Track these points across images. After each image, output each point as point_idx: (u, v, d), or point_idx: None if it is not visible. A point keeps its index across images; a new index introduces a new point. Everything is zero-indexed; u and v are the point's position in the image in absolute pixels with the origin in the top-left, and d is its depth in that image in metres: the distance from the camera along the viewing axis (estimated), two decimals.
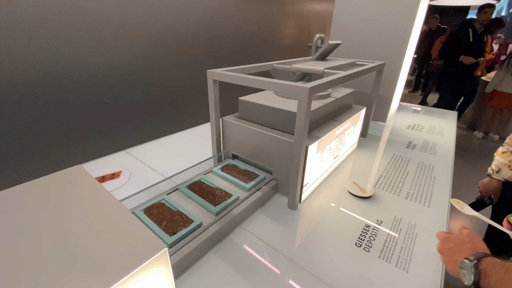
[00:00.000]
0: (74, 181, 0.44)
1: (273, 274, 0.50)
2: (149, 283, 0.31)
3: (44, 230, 0.34)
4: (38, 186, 0.42)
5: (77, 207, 0.38)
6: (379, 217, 0.66)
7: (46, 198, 0.40)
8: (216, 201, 0.61)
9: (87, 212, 0.38)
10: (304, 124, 0.57)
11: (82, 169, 0.48)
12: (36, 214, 0.37)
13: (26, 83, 0.96)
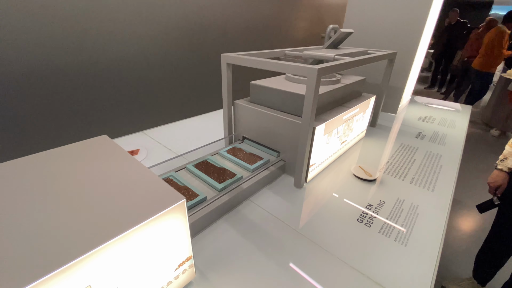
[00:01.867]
0: (102, 146, 0.49)
1: (278, 241, 0.54)
2: (172, 227, 0.36)
3: (86, 183, 0.39)
4: (71, 150, 0.47)
5: (109, 165, 0.44)
6: (382, 198, 0.69)
7: (81, 158, 0.46)
8: (221, 179, 0.64)
9: (119, 170, 0.43)
10: (312, 105, 0.60)
11: (108, 138, 0.53)
12: (75, 170, 0.42)
13: (62, 68, 1.03)
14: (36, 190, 0.37)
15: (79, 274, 0.28)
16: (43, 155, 0.45)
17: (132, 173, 0.41)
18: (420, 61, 1.41)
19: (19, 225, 0.31)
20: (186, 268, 0.42)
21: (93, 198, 0.36)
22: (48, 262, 0.26)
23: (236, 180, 0.65)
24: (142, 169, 0.42)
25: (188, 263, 0.42)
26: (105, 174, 0.41)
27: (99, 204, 0.35)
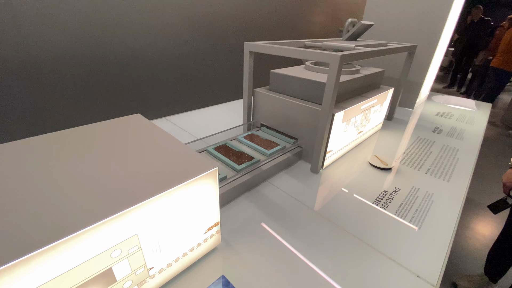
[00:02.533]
0: (138, 123, 0.53)
1: (295, 218, 0.57)
2: (205, 191, 0.40)
3: (131, 152, 0.44)
4: (109, 125, 0.52)
5: (148, 137, 0.48)
6: (397, 185, 0.70)
7: (121, 131, 0.50)
8: (239, 162, 0.67)
9: (158, 142, 0.47)
10: (333, 92, 0.62)
11: (141, 116, 0.58)
12: (119, 140, 0.47)
13: (96, 57, 1.10)
14: (91, 155, 0.41)
15: (129, 223, 0.32)
16: (89, 128, 0.49)
17: (170, 145, 0.45)
18: (440, 57, 1.39)
19: (85, 181, 0.35)
20: (214, 233, 0.46)
21: (138, 163, 0.40)
22: (108, 210, 0.30)
23: (253, 163, 0.68)
24: (178, 143, 0.46)
25: (216, 229, 0.46)
26: (147, 144, 0.45)
27: (145, 167, 0.39)
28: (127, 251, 0.33)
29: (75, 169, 0.37)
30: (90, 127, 0.50)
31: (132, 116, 0.57)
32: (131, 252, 0.34)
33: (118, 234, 0.31)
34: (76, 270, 0.28)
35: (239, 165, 0.66)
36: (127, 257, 0.33)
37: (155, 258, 0.37)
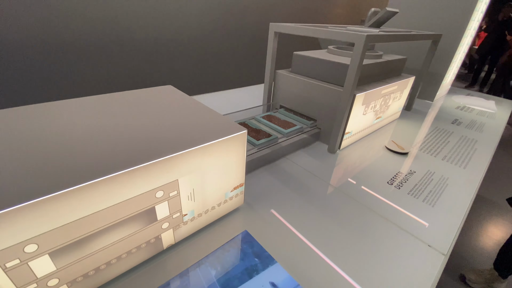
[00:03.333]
0: (171, 92, 0.57)
1: (311, 188, 0.60)
2: (235, 151, 0.43)
3: (170, 113, 0.48)
4: (146, 92, 0.56)
5: (183, 104, 0.52)
6: (412, 168, 0.72)
7: (159, 98, 0.54)
8: (258, 138, 0.70)
9: (194, 108, 0.51)
10: (356, 72, 0.64)
11: (173, 87, 0.62)
12: (157, 103, 0.51)
13: (126, 44, 1.15)
14: (139, 113, 0.45)
15: (172, 168, 0.36)
16: (130, 93, 0.54)
17: (203, 111, 0.49)
18: (463, 51, 1.37)
19: (137, 132, 0.39)
20: (238, 194, 0.50)
21: (179, 121, 0.44)
22: (157, 153, 0.35)
23: (271, 140, 0.71)
24: (211, 110, 0.50)
25: (240, 189, 0.50)
26: (184, 108, 0.49)
27: (185, 125, 0.43)
28: (168, 194, 0.37)
29: (129, 122, 0.42)
30: (131, 92, 0.54)
31: (164, 86, 0.61)
32: (171, 196, 0.38)
33: (163, 176, 0.35)
34: (130, 201, 0.33)
35: (257, 140, 0.70)
36: (167, 200, 0.38)
37: (189, 206, 0.41)
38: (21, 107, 0.43)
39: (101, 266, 0.34)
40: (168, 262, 0.41)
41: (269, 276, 0.40)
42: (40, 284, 0.29)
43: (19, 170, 0.29)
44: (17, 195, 0.25)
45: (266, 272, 0.40)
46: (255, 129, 0.76)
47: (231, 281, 0.39)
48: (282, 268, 0.41)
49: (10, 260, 0.26)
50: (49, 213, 0.27)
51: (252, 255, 0.43)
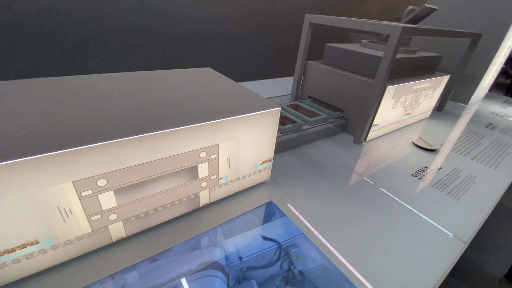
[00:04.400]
0: (210, 73, 0.62)
1: (335, 172, 0.63)
2: (268, 125, 0.47)
3: (211, 89, 0.52)
4: (187, 72, 0.61)
5: (223, 83, 0.56)
6: (439, 164, 0.72)
7: (200, 77, 0.59)
8: (283, 123, 0.73)
9: (232, 87, 0.55)
10: (389, 64, 0.65)
11: (212, 69, 0.66)
12: (197, 82, 0.56)
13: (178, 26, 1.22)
14: (184, 86, 0.51)
15: (215, 132, 0.40)
16: (172, 72, 0.59)
17: (241, 90, 0.53)
18: (505, 54, 1.30)
19: (187, 100, 0.45)
20: (266, 168, 0.54)
21: (220, 96, 0.49)
22: (204, 118, 0.39)
23: (296, 126, 0.73)
24: (247, 90, 0.54)
25: (269, 164, 0.54)
26: (224, 86, 0.54)
27: (226, 99, 0.47)
28: (210, 156, 0.42)
29: (180, 93, 0.47)
30: (176, 71, 0.60)
31: (203, 68, 0.66)
32: (211, 158, 0.42)
33: (207, 138, 0.40)
34: (180, 156, 0.38)
35: (282, 125, 0.73)
36: (208, 161, 0.42)
37: (224, 171, 0.46)
38: (93, 75, 0.50)
39: (150, 211, 0.40)
40: (202, 219, 0.46)
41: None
42: (103, 216, 0.35)
43: (100, 119, 0.35)
44: (97, 136, 0.31)
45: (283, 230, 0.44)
46: (282, 116, 0.79)
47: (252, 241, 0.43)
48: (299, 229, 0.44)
49: (85, 190, 0.32)
50: (119, 155, 0.32)
51: (275, 220, 0.47)
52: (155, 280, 0.35)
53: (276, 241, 0.43)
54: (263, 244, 0.43)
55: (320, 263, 0.40)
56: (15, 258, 0.31)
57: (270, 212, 0.49)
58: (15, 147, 0.27)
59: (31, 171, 0.27)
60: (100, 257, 0.37)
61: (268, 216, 0.49)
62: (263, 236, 0.44)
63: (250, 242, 0.43)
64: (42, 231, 0.31)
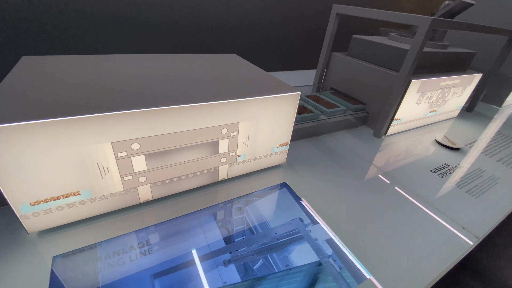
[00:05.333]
0: (236, 59, 0.64)
1: (351, 163, 0.64)
2: (288, 108, 0.49)
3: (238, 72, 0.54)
4: (215, 57, 0.64)
5: (246, 68, 0.59)
6: (461, 163, 0.70)
7: (226, 61, 0.62)
8: (300, 112, 0.74)
9: (256, 72, 0.57)
10: (415, 57, 0.64)
11: (236, 55, 0.69)
12: (223, 66, 0.58)
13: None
14: (210, 68, 0.54)
15: (236, 111, 0.43)
16: (200, 56, 0.62)
17: (264, 74, 0.56)
18: None
19: (213, 79, 0.48)
20: (283, 151, 0.56)
21: (245, 78, 0.51)
22: (228, 96, 0.42)
23: (313, 116, 0.74)
24: (269, 74, 0.56)
25: (285, 148, 0.56)
26: (248, 70, 0.56)
27: (250, 82, 0.50)
28: (230, 133, 0.45)
29: (205, 74, 0.50)
30: (202, 55, 0.63)
31: (228, 54, 0.69)
32: (232, 135, 0.45)
33: (229, 116, 0.42)
34: (204, 130, 0.41)
35: (299, 114, 0.74)
36: (228, 138, 0.45)
37: (243, 149, 0.49)
38: (134, 55, 0.54)
39: (174, 178, 0.43)
40: (219, 192, 0.49)
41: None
42: (134, 177, 0.39)
43: (138, 90, 0.39)
44: (134, 104, 0.35)
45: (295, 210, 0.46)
46: (300, 106, 0.80)
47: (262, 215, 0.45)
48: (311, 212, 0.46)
49: (121, 151, 0.36)
50: (152, 123, 0.36)
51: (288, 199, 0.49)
52: (173, 238, 0.39)
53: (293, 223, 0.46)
54: (274, 221, 0.45)
55: (330, 248, 0.42)
56: (59, 206, 0.36)
57: (283, 193, 0.52)
58: (68, 108, 0.32)
59: (79, 128, 0.31)
60: (128, 215, 0.42)
61: (281, 196, 0.51)
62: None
63: (261, 218, 0.45)
64: (83, 184, 0.36)
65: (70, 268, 0.34)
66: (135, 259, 0.36)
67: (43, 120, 0.29)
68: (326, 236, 0.43)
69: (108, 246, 0.37)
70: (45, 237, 0.37)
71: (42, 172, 0.32)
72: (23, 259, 0.34)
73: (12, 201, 0.32)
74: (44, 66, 0.44)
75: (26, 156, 0.30)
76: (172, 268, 0.35)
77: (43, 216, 0.35)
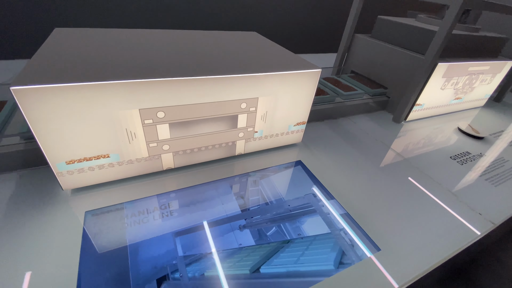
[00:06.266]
0: (256, 37, 0.64)
1: (368, 146, 0.63)
2: (307, 86, 0.49)
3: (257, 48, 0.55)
4: (236, 34, 0.64)
5: (267, 45, 0.59)
6: (484, 152, 0.68)
7: (247, 38, 0.62)
8: (316, 94, 0.73)
9: (275, 48, 0.57)
10: (443, 39, 0.62)
11: (256, 33, 0.69)
12: (244, 42, 0.58)
13: None
14: (231, 44, 0.54)
15: (256, 85, 0.44)
16: (221, 32, 0.63)
17: (286, 52, 0.56)
18: None
19: (235, 55, 0.49)
20: (299, 130, 0.57)
21: (265, 54, 0.52)
22: (248, 70, 0.43)
23: (329, 98, 0.73)
24: (290, 52, 0.56)
25: (302, 127, 0.56)
26: (269, 47, 0.57)
27: (270, 57, 0.50)
28: (249, 108, 0.46)
29: (226, 48, 0.51)
30: (223, 32, 0.63)
31: (249, 32, 0.69)
32: (250, 110, 0.46)
33: (249, 90, 0.43)
34: (224, 103, 0.42)
35: (315, 95, 0.73)
36: (247, 113, 0.46)
37: (260, 125, 0.50)
38: (160, 30, 0.56)
39: (195, 149, 0.46)
40: (235, 166, 0.51)
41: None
42: (158, 144, 0.42)
43: (165, 61, 0.40)
44: (161, 73, 0.37)
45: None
46: (317, 88, 0.79)
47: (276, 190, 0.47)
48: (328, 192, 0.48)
49: (147, 119, 0.38)
50: (176, 92, 0.37)
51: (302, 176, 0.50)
52: (192, 204, 0.42)
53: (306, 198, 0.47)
54: (288, 195, 0.47)
55: (341, 224, 0.43)
56: (91, 166, 0.39)
57: (298, 170, 0.53)
58: (101, 74, 0.34)
59: (110, 94, 0.34)
60: (151, 180, 0.45)
61: (296, 173, 0.52)
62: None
63: (276, 191, 0.47)
64: (112, 148, 0.38)
65: (100, 222, 0.37)
66: (158, 219, 0.39)
67: (79, 83, 0.31)
68: (339, 211, 0.44)
69: (134, 206, 0.40)
70: (77, 195, 0.41)
71: (77, 133, 0.35)
72: (59, 213, 0.38)
73: (50, 159, 0.36)
74: (76, 37, 0.46)
75: (63, 117, 0.33)
76: (191, 229, 0.38)
77: (77, 175, 0.39)
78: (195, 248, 0.35)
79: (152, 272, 0.32)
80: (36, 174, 0.43)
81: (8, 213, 0.37)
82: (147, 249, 0.34)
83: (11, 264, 0.31)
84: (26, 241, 0.34)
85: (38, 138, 0.33)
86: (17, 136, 0.44)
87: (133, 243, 0.35)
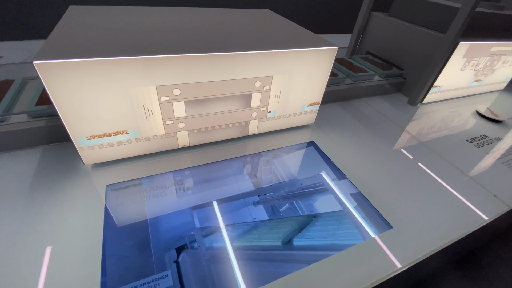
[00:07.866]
0: (270, 14, 0.62)
1: (381, 127, 0.63)
2: (323, 64, 0.48)
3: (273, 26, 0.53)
4: (249, 11, 0.62)
5: (282, 22, 0.57)
6: (502, 135, 0.66)
7: (262, 16, 0.60)
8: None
9: (290, 25, 0.56)
10: (466, 16, 0.58)
11: (270, 10, 0.67)
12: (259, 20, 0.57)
13: None
14: (247, 22, 0.54)
15: (270, 63, 0.43)
16: (235, 10, 0.61)
17: (301, 29, 0.54)
18: None
19: (250, 32, 0.48)
20: (312, 111, 0.56)
21: (279, 31, 0.51)
22: (262, 47, 0.42)
23: (338, 79, 0.71)
24: (306, 30, 0.55)
25: (315, 107, 0.56)
26: (284, 25, 0.55)
27: (285, 35, 0.49)
28: (263, 87, 0.46)
29: (240, 26, 0.50)
30: (236, 10, 0.62)
31: (262, 9, 0.67)
32: (264, 89, 0.46)
33: (263, 68, 0.43)
34: (238, 81, 0.42)
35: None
36: (261, 92, 0.46)
37: (274, 105, 0.50)
38: (170, 7, 0.55)
39: (209, 127, 0.46)
40: (248, 145, 0.52)
41: None
42: (174, 122, 0.42)
43: (180, 39, 0.40)
44: (177, 50, 0.37)
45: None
46: None
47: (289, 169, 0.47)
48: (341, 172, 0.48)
49: (164, 96, 0.39)
50: (191, 69, 0.38)
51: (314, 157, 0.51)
52: (207, 180, 0.43)
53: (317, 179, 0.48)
54: (300, 174, 0.47)
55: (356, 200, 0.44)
56: (110, 142, 0.40)
57: (310, 150, 0.53)
58: (118, 50, 0.34)
59: (128, 70, 0.34)
60: (167, 157, 0.46)
61: (308, 153, 0.52)
62: None
63: (288, 170, 0.48)
64: (130, 124, 0.39)
65: (121, 195, 0.39)
66: (175, 194, 0.40)
67: (100, 58, 0.32)
68: (351, 190, 0.44)
69: (152, 181, 0.42)
70: (98, 169, 0.43)
71: (97, 109, 0.36)
72: (81, 186, 0.40)
73: (72, 133, 0.37)
74: (91, 15, 0.46)
75: (84, 92, 0.34)
76: (207, 203, 0.39)
77: (97, 150, 0.40)
78: (211, 221, 0.36)
79: (172, 241, 0.33)
80: (57, 150, 0.45)
81: (31, 187, 0.39)
82: (166, 220, 0.36)
83: (34, 237, 0.33)
84: (49, 214, 0.36)
85: (60, 112, 0.34)
86: (24, 114, 0.45)
87: (153, 215, 0.36)
